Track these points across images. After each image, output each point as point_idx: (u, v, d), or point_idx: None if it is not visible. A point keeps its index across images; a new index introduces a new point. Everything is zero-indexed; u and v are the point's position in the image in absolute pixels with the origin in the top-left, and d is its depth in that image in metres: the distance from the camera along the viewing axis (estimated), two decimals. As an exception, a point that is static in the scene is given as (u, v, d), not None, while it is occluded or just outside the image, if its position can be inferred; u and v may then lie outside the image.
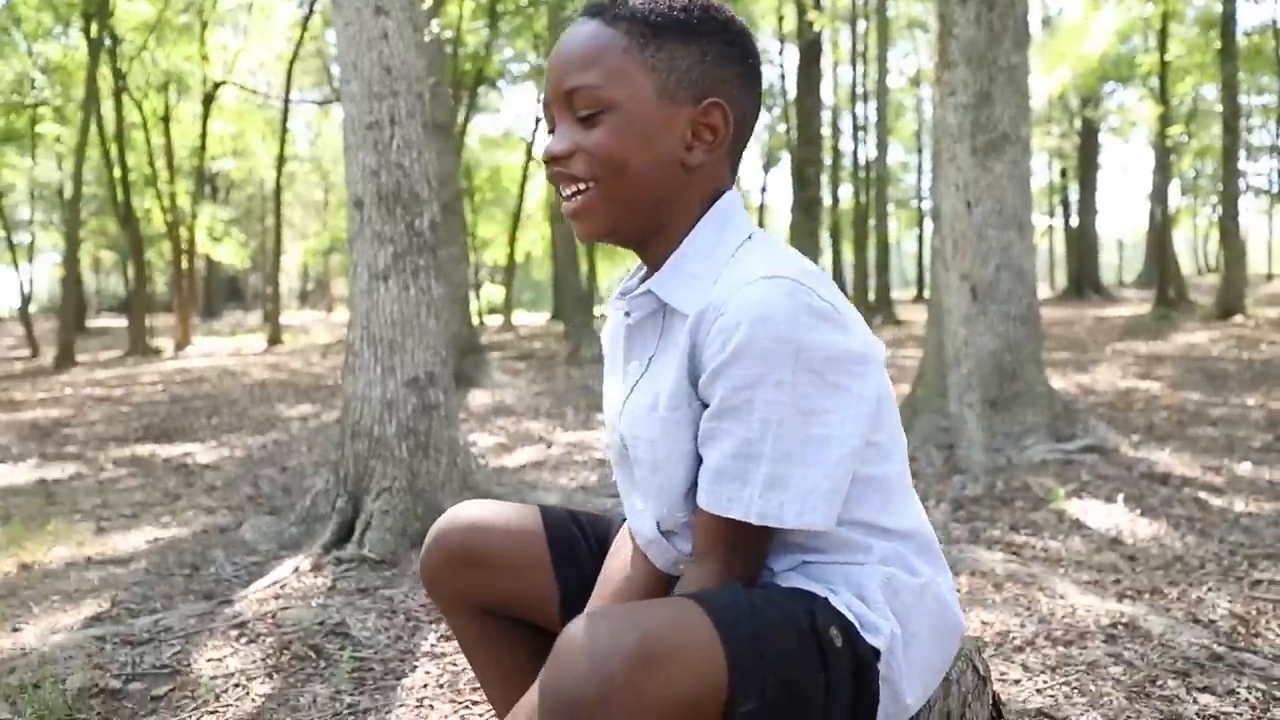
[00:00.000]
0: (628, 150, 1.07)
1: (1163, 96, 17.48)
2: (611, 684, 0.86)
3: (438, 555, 1.32)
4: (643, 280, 1.19)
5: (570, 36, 1.10)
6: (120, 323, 26.30)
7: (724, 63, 1.10)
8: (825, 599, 1.04)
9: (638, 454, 1.13)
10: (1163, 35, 16.78)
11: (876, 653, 1.03)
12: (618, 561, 1.24)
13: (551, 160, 1.10)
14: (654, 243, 1.13)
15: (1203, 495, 3.88)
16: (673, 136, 1.08)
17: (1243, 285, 15.50)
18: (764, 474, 1.00)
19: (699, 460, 1.07)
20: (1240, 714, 1.93)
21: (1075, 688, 2.06)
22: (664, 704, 0.88)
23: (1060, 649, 2.27)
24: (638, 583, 1.19)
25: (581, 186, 1.09)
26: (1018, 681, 2.10)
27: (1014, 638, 2.34)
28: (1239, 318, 14.23)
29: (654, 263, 1.15)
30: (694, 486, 1.07)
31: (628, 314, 1.16)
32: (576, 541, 1.33)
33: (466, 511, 1.33)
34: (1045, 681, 2.10)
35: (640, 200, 1.09)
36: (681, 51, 1.08)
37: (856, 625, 1.03)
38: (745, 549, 1.06)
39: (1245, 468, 4.38)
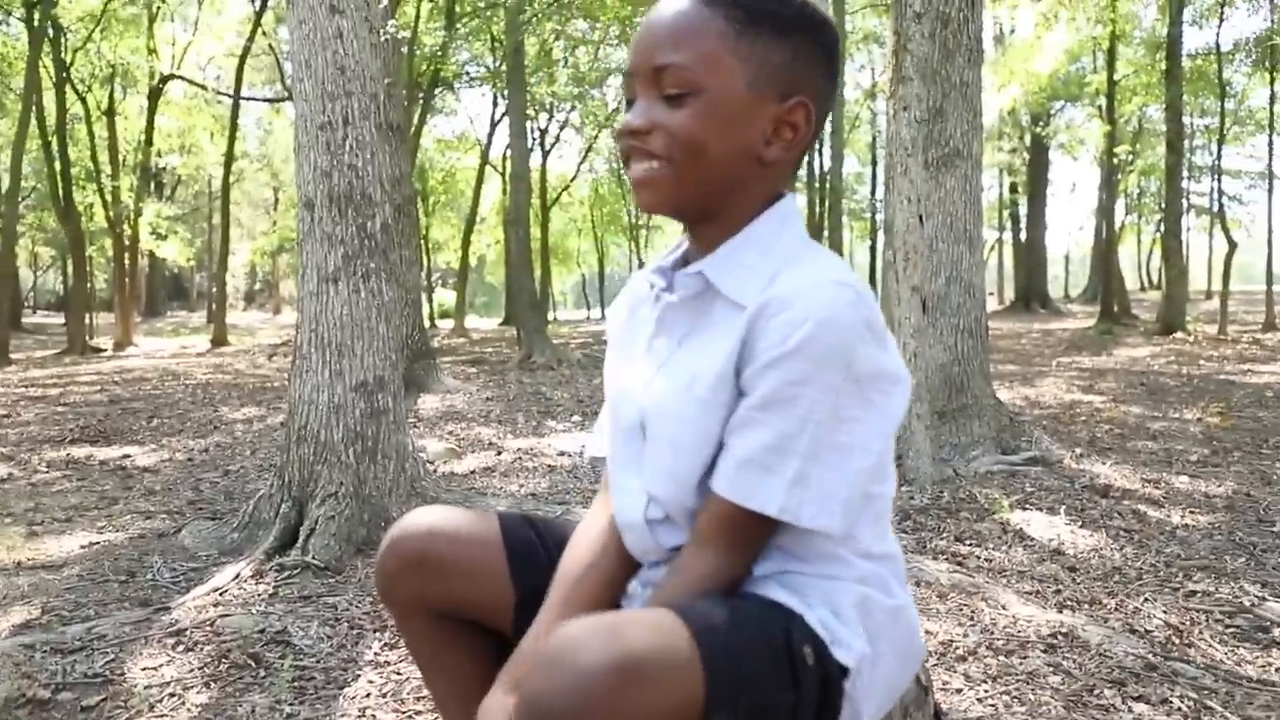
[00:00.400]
0: (709, 136, 1.06)
1: (1110, 116, 17.92)
2: (592, 698, 0.86)
3: (393, 561, 1.30)
4: (683, 260, 1.19)
5: (665, 10, 1.08)
6: (58, 320, 25.68)
7: (812, 64, 1.10)
8: (801, 616, 1.04)
9: (657, 431, 1.12)
10: (1111, 56, 17.20)
11: (844, 669, 1.04)
12: (576, 554, 1.23)
13: (630, 134, 1.08)
14: (710, 226, 1.13)
15: (1141, 508, 3.97)
16: (754, 129, 1.08)
17: (1184, 302, 15.94)
18: (793, 470, 1.01)
19: (720, 447, 1.07)
20: (1174, 723, 1.97)
21: (1015, 697, 2.09)
22: (641, 719, 0.88)
23: (1001, 659, 2.30)
24: (601, 571, 1.19)
25: (655, 164, 1.08)
26: (959, 691, 2.13)
27: (957, 647, 2.37)
28: (1180, 334, 14.62)
29: (704, 244, 1.14)
30: (709, 473, 1.08)
31: (666, 290, 1.16)
32: (533, 546, 1.32)
33: (424, 517, 1.31)
34: (986, 691, 2.12)
35: (711, 185, 1.09)
36: (775, 45, 1.07)
37: (828, 642, 1.04)
38: (749, 542, 1.07)
39: (1182, 481, 4.49)
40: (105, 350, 16.76)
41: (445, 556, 1.28)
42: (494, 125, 21.84)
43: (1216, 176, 19.17)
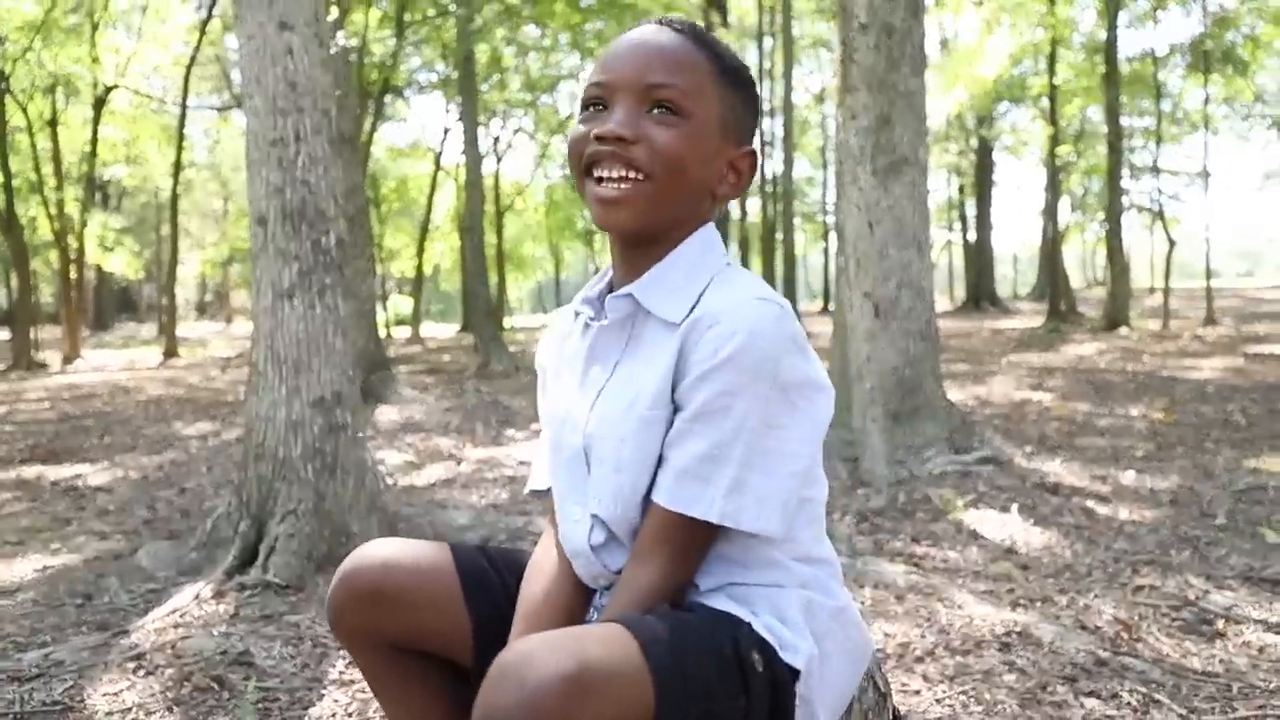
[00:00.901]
0: (691, 159, 1.13)
1: (1052, 117, 18.29)
2: (543, 710, 0.89)
3: (344, 595, 1.30)
4: (608, 288, 1.23)
5: (657, 37, 1.15)
6: (2, 335, 25.02)
7: (753, 120, 1.21)
8: (748, 624, 1.08)
9: (602, 454, 1.16)
10: (1052, 60, 17.55)
11: (795, 673, 1.08)
12: (531, 586, 1.26)
13: (615, 140, 1.11)
14: (650, 249, 1.18)
15: (1090, 504, 4.07)
16: (715, 166, 1.17)
17: (1127, 299, 16.32)
18: (729, 477, 1.06)
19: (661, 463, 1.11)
20: (1123, 716, 2.04)
21: (972, 696, 2.15)
22: None
23: (958, 659, 2.36)
24: (557, 595, 1.22)
25: (634, 175, 1.12)
26: (918, 692, 2.18)
27: (915, 649, 2.43)
28: (1124, 330, 14.97)
29: (632, 271, 1.18)
30: (651, 490, 1.12)
31: (593, 318, 1.21)
32: (487, 574, 1.34)
33: (377, 551, 1.31)
34: (944, 691, 2.18)
35: (678, 207, 1.15)
36: (735, 96, 1.17)
37: (776, 647, 1.08)
38: (690, 551, 1.11)
39: (1129, 476, 4.61)
40: (52, 366, 16.39)
41: (403, 587, 1.29)
42: (446, 131, 21.75)
43: (1156, 176, 19.65)
